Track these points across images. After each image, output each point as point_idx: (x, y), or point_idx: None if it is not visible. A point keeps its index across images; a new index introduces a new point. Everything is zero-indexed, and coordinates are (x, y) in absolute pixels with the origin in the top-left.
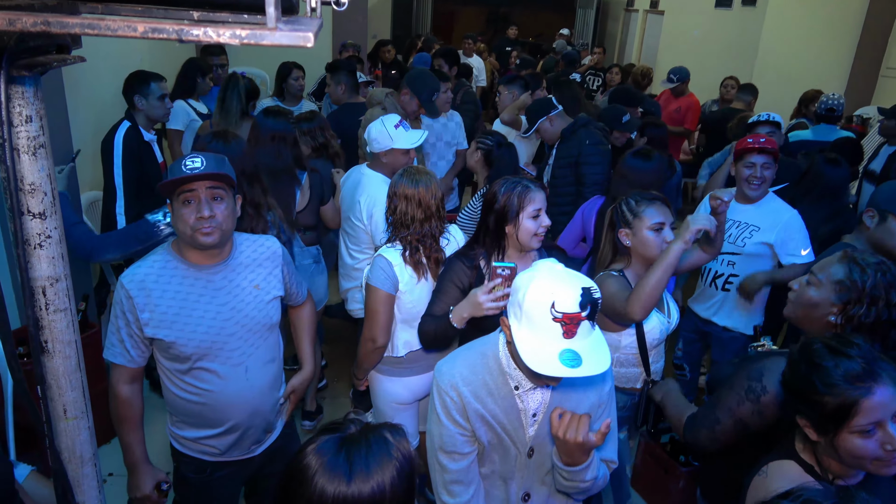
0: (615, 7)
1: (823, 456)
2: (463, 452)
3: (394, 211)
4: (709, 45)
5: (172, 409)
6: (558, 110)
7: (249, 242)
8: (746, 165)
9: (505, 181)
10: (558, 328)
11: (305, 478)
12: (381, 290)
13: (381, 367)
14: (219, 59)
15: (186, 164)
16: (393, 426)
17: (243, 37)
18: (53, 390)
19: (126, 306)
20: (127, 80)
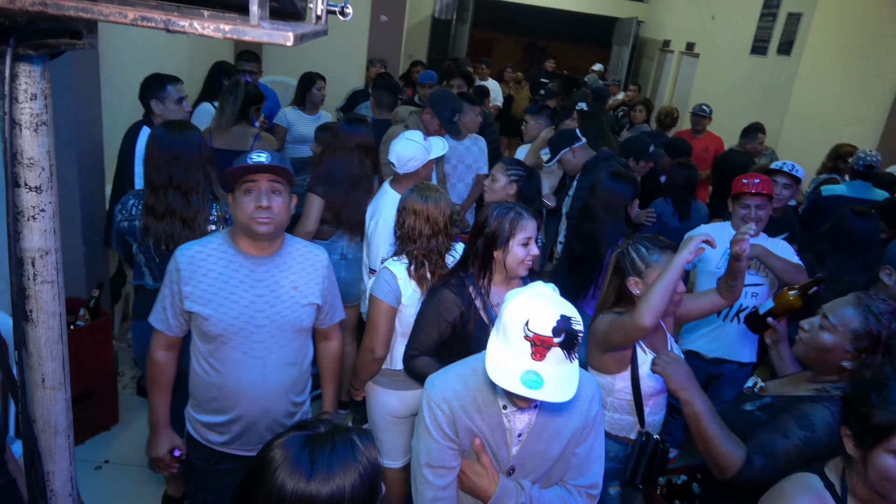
0: (651, 46)
1: (852, 475)
2: (450, 467)
3: (402, 225)
4: (741, 90)
5: (192, 390)
6: (581, 142)
7: (300, 246)
8: (742, 206)
9: (498, 206)
10: (527, 347)
11: (268, 471)
12: (383, 301)
13: (378, 378)
14: (250, 65)
15: (252, 157)
16: (362, 431)
17: (226, 31)
18: (34, 359)
19: (174, 277)
20: (143, 84)
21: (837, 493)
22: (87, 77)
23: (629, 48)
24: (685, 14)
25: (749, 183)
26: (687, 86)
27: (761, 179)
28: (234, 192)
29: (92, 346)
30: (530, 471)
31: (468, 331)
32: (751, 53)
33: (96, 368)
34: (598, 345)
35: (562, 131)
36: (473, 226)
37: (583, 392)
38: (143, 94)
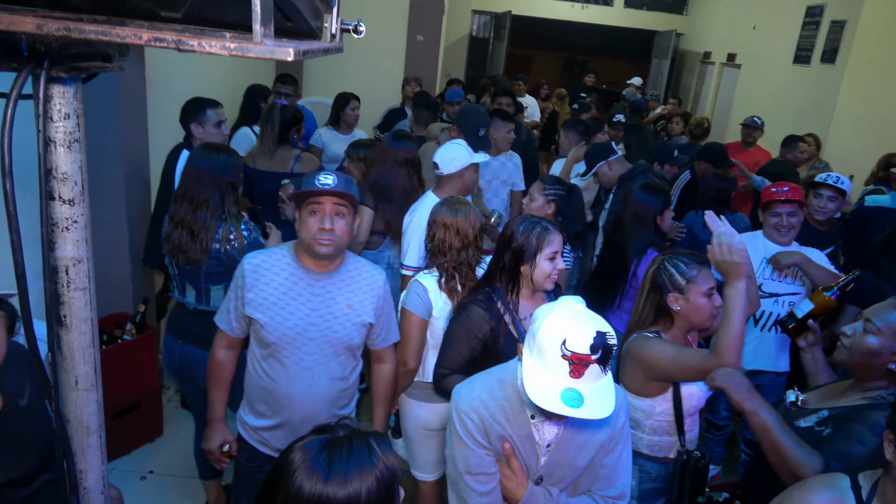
0: (691, 59)
1: (885, 482)
2: (490, 473)
3: (432, 238)
4: (784, 101)
5: (246, 392)
6: (617, 155)
7: (359, 266)
8: (773, 215)
9: (524, 220)
10: (566, 366)
11: (287, 472)
12: (414, 314)
13: (411, 391)
14: (286, 88)
15: (319, 179)
16: (380, 436)
17: (231, 48)
18: (68, 362)
19: (239, 283)
20: (183, 108)
21: (863, 497)
22: (133, 101)
23: (668, 61)
24: (726, 25)
25: (778, 191)
26: (729, 97)
27: (790, 187)
28: (301, 211)
29: (137, 359)
30: (558, 480)
31: (498, 346)
32: (794, 63)
33: (142, 381)
34: (643, 370)
35: (597, 144)
36: (499, 240)
37: None
38: (183, 118)
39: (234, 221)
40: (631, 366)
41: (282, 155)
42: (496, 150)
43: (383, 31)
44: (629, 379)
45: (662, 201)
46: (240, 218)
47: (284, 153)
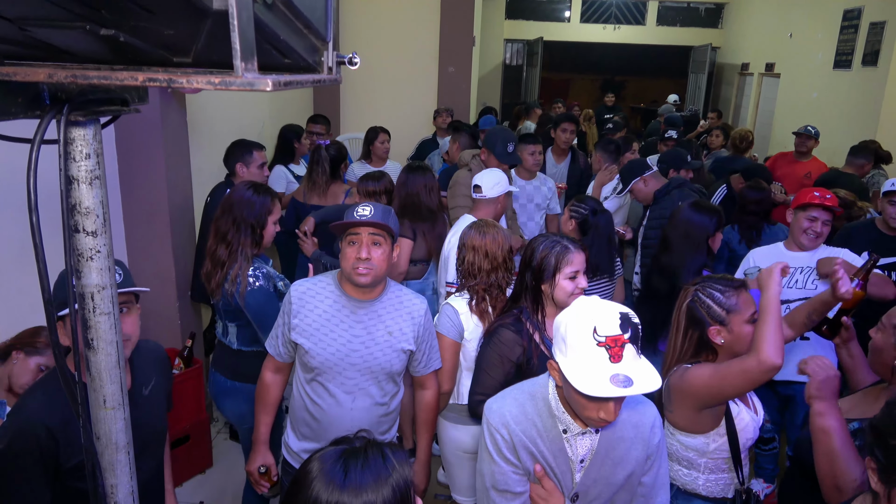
0: (729, 71)
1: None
2: (515, 492)
3: (462, 261)
4: (828, 107)
5: (291, 415)
6: (653, 171)
7: (401, 294)
8: (808, 218)
9: (545, 238)
10: (604, 353)
11: (305, 482)
12: (447, 337)
13: (447, 414)
14: (318, 127)
15: (358, 210)
16: (395, 446)
17: (216, 83)
18: (96, 382)
19: (287, 309)
20: (229, 149)
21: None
22: (176, 142)
23: (706, 75)
24: (762, 35)
25: (820, 195)
26: (770, 107)
27: (831, 195)
28: (341, 242)
29: (185, 393)
30: (594, 498)
31: (532, 366)
32: (834, 68)
33: (190, 414)
34: (690, 400)
35: (632, 161)
36: (521, 260)
37: (644, 419)
38: (228, 157)
39: (245, 263)
40: (677, 400)
41: (333, 190)
42: (525, 172)
43: (415, 65)
44: (678, 416)
45: (716, 221)
46: (250, 262)
47: (336, 189)
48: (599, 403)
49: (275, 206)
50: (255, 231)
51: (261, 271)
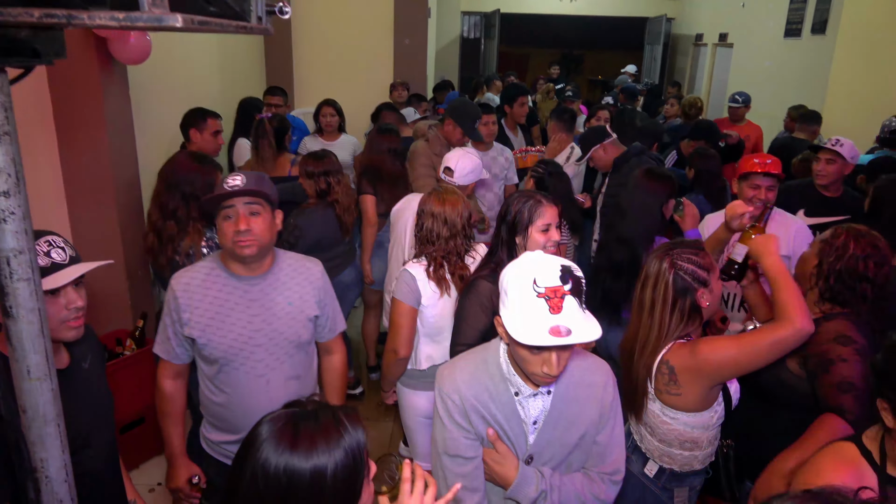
0: (684, 42)
1: (891, 442)
2: (466, 456)
3: (421, 228)
4: (779, 75)
5: (203, 410)
6: (612, 138)
7: (292, 261)
8: (751, 186)
9: (520, 193)
10: (543, 304)
11: (254, 445)
12: (404, 303)
13: (406, 380)
14: (277, 98)
15: (227, 182)
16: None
17: (121, 19)
18: (18, 352)
19: (172, 305)
20: (186, 116)
21: (876, 460)
22: (119, 115)
23: (661, 47)
24: (715, 5)
25: (760, 162)
26: (724, 77)
27: (772, 160)
28: (217, 219)
29: (139, 374)
30: (549, 458)
31: None
32: (785, 37)
33: (145, 396)
34: (709, 380)
35: (592, 128)
36: (498, 215)
37: (597, 379)
38: (184, 124)
39: (197, 236)
40: (690, 381)
41: (279, 162)
42: (481, 143)
43: (370, 37)
44: (688, 397)
45: (669, 189)
46: (202, 234)
47: (282, 160)
48: (542, 356)
49: (219, 176)
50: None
51: (214, 241)
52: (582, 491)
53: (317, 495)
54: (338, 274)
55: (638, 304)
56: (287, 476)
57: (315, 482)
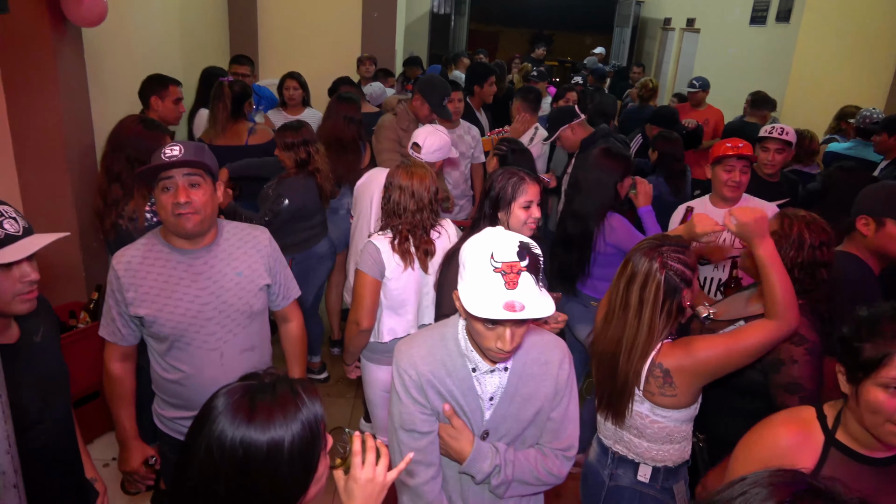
0: (652, 26)
1: (846, 413)
2: (422, 431)
3: (388, 200)
4: (743, 61)
5: (155, 387)
6: (580, 119)
7: (237, 231)
8: (725, 170)
9: (504, 170)
10: (499, 279)
11: (210, 417)
12: (368, 275)
13: (369, 355)
14: (244, 67)
15: (165, 152)
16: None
17: None
18: None
19: (115, 286)
20: (145, 81)
21: (828, 425)
22: (74, 81)
23: (630, 29)
24: None
25: (733, 146)
26: (689, 62)
27: (744, 144)
28: (155, 191)
29: (93, 347)
30: (504, 434)
31: None
32: (750, 24)
33: (100, 369)
34: (703, 378)
35: (561, 108)
36: (482, 190)
37: (553, 356)
38: (144, 91)
39: (141, 200)
40: (686, 381)
41: (236, 129)
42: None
43: (337, 9)
44: (681, 398)
45: (624, 168)
46: (147, 198)
47: (239, 128)
48: (497, 332)
49: (167, 141)
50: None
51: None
52: (535, 466)
53: (273, 468)
54: (314, 244)
55: (623, 303)
56: (243, 449)
57: (272, 455)
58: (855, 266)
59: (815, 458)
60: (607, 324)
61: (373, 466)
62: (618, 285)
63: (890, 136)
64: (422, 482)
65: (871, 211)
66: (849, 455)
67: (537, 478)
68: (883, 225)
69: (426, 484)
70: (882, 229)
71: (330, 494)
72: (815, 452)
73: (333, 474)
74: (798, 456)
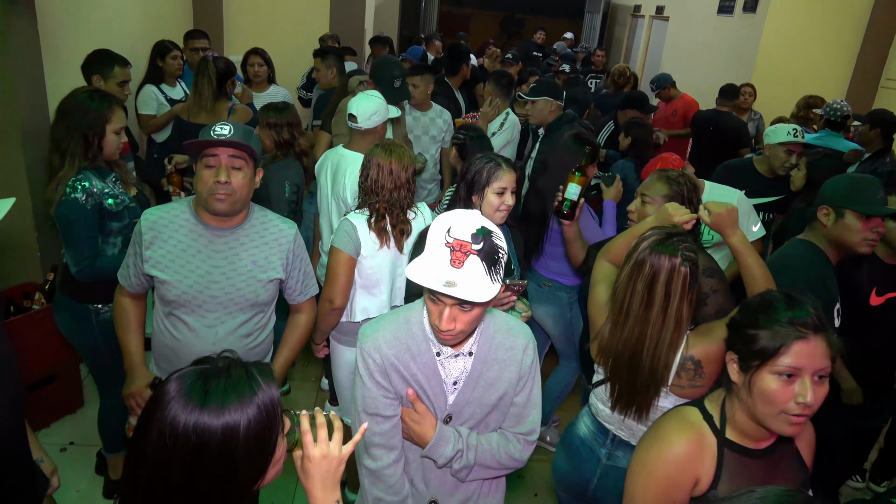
0: (622, 13)
1: (732, 404)
2: (385, 415)
3: (366, 178)
4: (711, 50)
5: (152, 347)
6: (561, 102)
7: (266, 220)
8: None
9: (483, 156)
10: (447, 254)
11: (162, 403)
12: (343, 252)
13: (339, 336)
14: (199, 42)
15: (215, 129)
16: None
17: None
18: None
19: (137, 239)
20: (90, 58)
21: (716, 424)
22: (26, 54)
23: (600, 16)
24: None
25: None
26: (659, 50)
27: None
28: (196, 164)
29: (49, 329)
30: (467, 418)
31: None
32: (718, 13)
33: (56, 352)
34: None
35: (554, 83)
36: (459, 173)
37: (517, 342)
38: (86, 67)
39: (70, 171)
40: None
41: (217, 108)
42: (416, 105)
43: None
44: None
45: (588, 152)
46: (75, 170)
47: (219, 106)
48: (439, 308)
49: (114, 115)
50: (88, 140)
51: (82, 183)
52: (497, 450)
53: (229, 453)
54: None
55: (645, 301)
56: (197, 434)
57: (227, 440)
58: (810, 254)
59: (713, 461)
60: (619, 326)
61: (325, 442)
62: (634, 286)
63: (872, 128)
64: (383, 466)
65: (833, 201)
66: (740, 452)
67: (499, 462)
68: (842, 216)
69: (388, 468)
70: (841, 220)
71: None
72: (712, 455)
73: (294, 456)
74: (697, 462)
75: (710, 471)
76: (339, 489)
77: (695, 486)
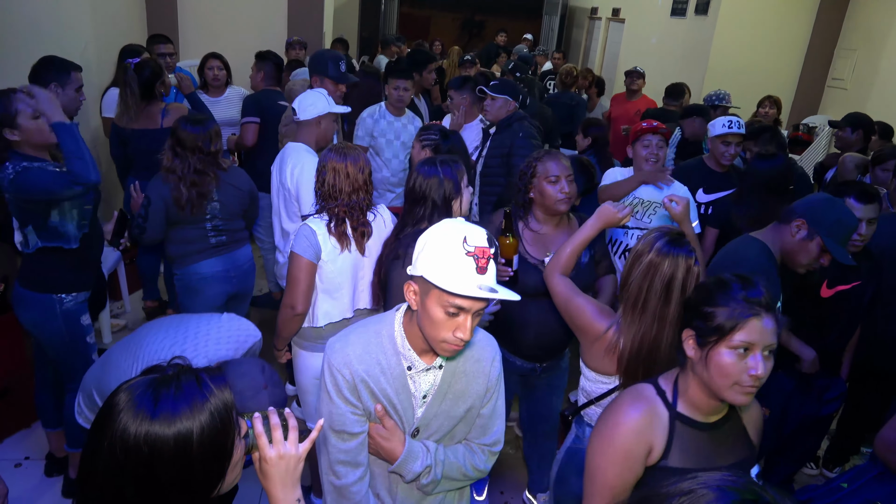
0: (580, 15)
1: (685, 379)
2: (353, 432)
3: (322, 183)
4: (665, 52)
5: None
6: (516, 105)
7: None
8: (644, 145)
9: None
10: (472, 263)
11: (111, 415)
12: (303, 257)
13: (302, 342)
14: (165, 47)
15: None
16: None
17: None
18: None
19: None
20: (40, 66)
21: (668, 399)
22: None
23: (558, 17)
24: None
25: (649, 124)
26: (615, 51)
27: (657, 123)
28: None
29: (1, 345)
30: (434, 430)
31: None
32: (671, 15)
33: (10, 365)
34: None
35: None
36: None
37: (485, 354)
38: (39, 76)
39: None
40: None
41: (149, 112)
42: (393, 108)
43: None
44: None
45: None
46: None
47: (151, 109)
48: (456, 321)
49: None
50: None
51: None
52: (464, 464)
53: (184, 461)
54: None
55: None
56: (148, 445)
57: (180, 449)
58: (761, 254)
59: (665, 432)
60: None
61: (281, 443)
62: (651, 283)
63: (854, 130)
64: (349, 483)
65: (813, 221)
66: (691, 425)
67: (464, 474)
68: (811, 239)
69: (354, 485)
70: (807, 241)
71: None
72: (664, 427)
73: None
74: (650, 432)
75: (662, 441)
76: (299, 488)
77: (648, 455)
